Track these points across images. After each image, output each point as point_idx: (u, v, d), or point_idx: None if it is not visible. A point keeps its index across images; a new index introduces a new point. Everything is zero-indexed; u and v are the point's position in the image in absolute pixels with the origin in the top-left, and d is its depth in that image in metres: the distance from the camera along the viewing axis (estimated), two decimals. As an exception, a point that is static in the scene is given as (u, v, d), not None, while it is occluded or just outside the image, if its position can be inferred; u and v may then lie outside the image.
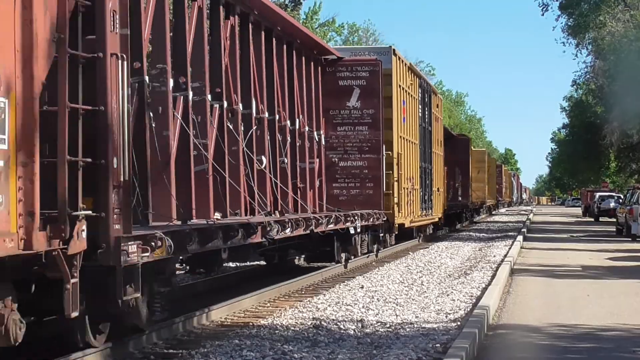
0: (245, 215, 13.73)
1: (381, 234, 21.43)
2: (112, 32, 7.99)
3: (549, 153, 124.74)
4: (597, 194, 62.74)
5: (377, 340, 10.20)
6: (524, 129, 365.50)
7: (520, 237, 30.96)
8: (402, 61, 24.21)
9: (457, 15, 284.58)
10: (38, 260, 7.03)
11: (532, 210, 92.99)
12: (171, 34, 11.83)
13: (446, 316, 12.15)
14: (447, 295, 14.58)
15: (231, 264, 18.67)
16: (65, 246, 7.14)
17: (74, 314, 7.31)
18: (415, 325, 11.32)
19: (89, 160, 7.62)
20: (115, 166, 7.93)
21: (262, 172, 14.92)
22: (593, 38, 44.59)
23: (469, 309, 12.57)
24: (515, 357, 9.91)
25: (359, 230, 18.77)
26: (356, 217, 18.35)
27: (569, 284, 17.04)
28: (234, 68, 14.04)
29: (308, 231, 15.30)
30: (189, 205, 11.73)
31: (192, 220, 11.21)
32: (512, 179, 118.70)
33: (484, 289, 14.81)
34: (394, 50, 22.99)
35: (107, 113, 7.87)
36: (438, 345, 9.72)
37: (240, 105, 14.15)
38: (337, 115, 19.76)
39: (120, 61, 8.01)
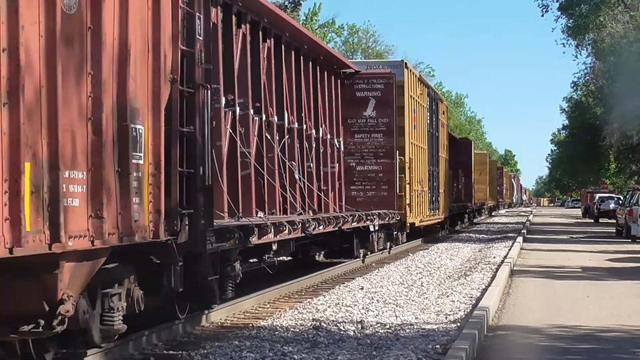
0: (280, 214, 15.51)
1: (394, 232, 23.54)
2: (200, 68, 10.00)
3: (548, 154, 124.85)
4: (597, 195, 62.71)
5: (376, 341, 10.20)
6: (524, 130, 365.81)
7: (520, 239, 30.97)
8: (413, 73, 26.22)
9: (457, 16, 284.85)
10: (154, 247, 9.06)
11: (532, 211, 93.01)
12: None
13: (446, 317, 12.15)
14: (447, 296, 14.59)
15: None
16: (175, 237, 9.16)
17: (180, 289, 9.71)
18: (415, 327, 11.33)
19: (192, 170, 9.71)
20: (201, 174, 9.95)
21: (293, 176, 16.83)
22: (593, 39, 44.61)
23: (468, 310, 12.57)
24: (515, 358, 9.92)
25: (377, 228, 20.87)
26: (375, 217, 20.34)
27: (568, 285, 17.05)
28: (270, 85, 15.96)
29: (337, 228, 17.58)
30: (236, 205, 13.46)
31: (242, 219, 12.98)
32: (512, 180, 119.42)
33: (484, 290, 14.81)
34: (405, 63, 24.98)
35: (196, 132, 9.79)
36: (438, 346, 9.73)
37: (276, 117, 16.16)
38: (354, 124, 21.53)
39: (204, 90, 10.06)
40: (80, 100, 7.38)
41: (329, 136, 19.71)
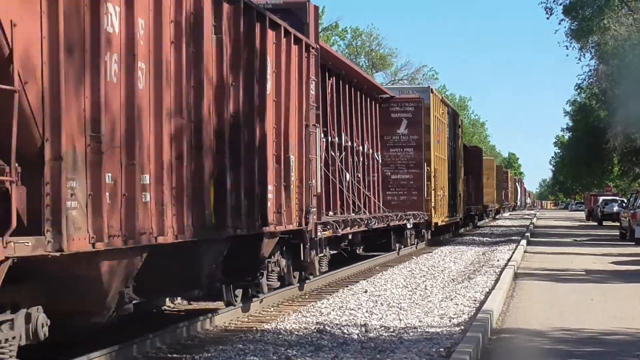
0: (339, 214, 19.77)
1: (422, 230, 28.42)
2: (314, 113, 14.88)
3: (552, 157, 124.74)
4: (601, 198, 62.63)
5: (380, 344, 10.21)
6: (527, 133, 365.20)
7: (523, 242, 30.95)
8: (437, 96, 30.88)
9: (460, 19, 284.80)
10: (293, 232, 14.07)
11: (535, 214, 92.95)
12: None
13: (450, 320, 12.15)
14: (451, 299, 14.59)
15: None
16: (306, 226, 14.23)
17: (308, 260, 14.91)
18: (419, 330, 11.33)
19: (312, 183, 14.56)
20: (313, 184, 14.70)
21: (349, 184, 21.16)
22: (596, 42, 44.56)
23: (472, 313, 12.58)
24: (518, 361, 9.92)
25: (411, 226, 25.36)
26: (410, 217, 24.87)
27: (572, 288, 17.04)
28: (332, 112, 20.28)
29: (386, 225, 22.43)
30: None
31: (324, 216, 17.10)
32: (517, 184, 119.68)
33: (488, 293, 14.81)
34: (431, 89, 30.14)
35: (313, 157, 14.72)
36: (442, 349, 9.73)
37: (336, 138, 20.46)
38: (389, 140, 25.86)
39: (316, 128, 15.10)
40: (272, 145, 12.78)
41: (370, 151, 23.80)
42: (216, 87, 10.58)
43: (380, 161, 24.97)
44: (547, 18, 44.67)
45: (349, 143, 21.44)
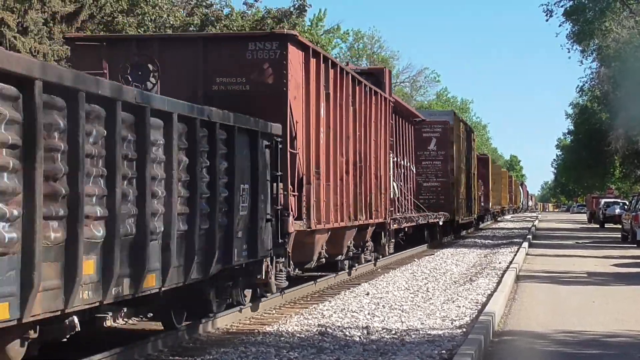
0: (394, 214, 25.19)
1: (447, 227, 35.23)
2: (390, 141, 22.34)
3: (554, 159, 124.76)
4: (603, 201, 62.64)
5: (382, 347, 10.21)
6: (529, 136, 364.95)
7: (525, 244, 30.92)
8: (458, 118, 38.71)
9: (462, 21, 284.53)
10: (377, 225, 20.80)
11: (537, 216, 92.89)
12: None
13: (452, 323, 12.15)
14: (453, 301, 14.58)
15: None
16: (387, 220, 21.35)
17: (385, 243, 21.96)
18: (421, 332, 11.33)
19: (384, 192, 21.27)
20: (390, 191, 22.02)
21: (399, 190, 26.72)
22: (598, 45, 44.56)
23: (474, 316, 12.57)
24: (520, 363, 9.92)
25: (441, 223, 32.04)
26: (441, 216, 31.63)
27: (574, 290, 17.04)
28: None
29: (427, 221, 29.06)
30: None
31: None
32: (520, 187, 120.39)
33: (490, 296, 14.81)
34: (454, 112, 38.95)
35: (390, 174, 21.76)
36: (444, 351, 9.73)
37: (391, 156, 24.43)
38: (421, 155, 32.05)
39: (391, 154, 22.72)
40: (373, 167, 20.04)
41: (409, 164, 29.05)
42: (353, 136, 18.07)
43: (415, 172, 30.55)
44: (547, 20, 44.73)
45: (396, 159, 26.25)
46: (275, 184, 12.65)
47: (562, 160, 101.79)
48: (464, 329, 11.38)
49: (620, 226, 42.97)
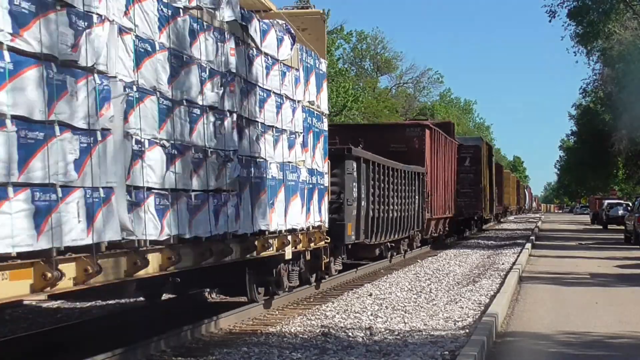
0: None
1: (478, 221, 47.97)
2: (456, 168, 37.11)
3: (557, 161, 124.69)
4: (606, 202, 62.61)
5: (385, 348, 10.20)
6: (532, 137, 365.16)
7: (528, 245, 30.93)
8: (484, 141, 49.73)
9: (465, 22, 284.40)
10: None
11: (540, 217, 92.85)
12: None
13: (454, 324, 12.15)
14: (456, 302, 14.58)
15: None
16: (453, 214, 36.21)
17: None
18: (424, 333, 11.33)
19: (453, 198, 35.95)
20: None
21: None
22: (602, 46, 44.55)
23: (477, 317, 12.57)
24: (523, 364, 9.91)
25: (477, 218, 45.67)
26: (476, 213, 43.06)
27: (577, 291, 17.03)
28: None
29: (471, 216, 42.67)
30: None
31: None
32: (525, 190, 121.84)
33: (493, 297, 14.80)
34: (481, 138, 52.85)
35: (454, 187, 36.70)
36: (446, 352, 9.73)
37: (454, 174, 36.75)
38: (460, 170, 38.98)
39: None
40: (450, 183, 34.84)
41: (451, 177, 35.91)
42: (449, 171, 32.71)
43: (455, 182, 38.05)
44: (550, 21, 44.70)
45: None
46: (423, 195, 27.09)
47: (565, 162, 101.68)
48: (467, 330, 11.37)
49: (623, 227, 42.96)
